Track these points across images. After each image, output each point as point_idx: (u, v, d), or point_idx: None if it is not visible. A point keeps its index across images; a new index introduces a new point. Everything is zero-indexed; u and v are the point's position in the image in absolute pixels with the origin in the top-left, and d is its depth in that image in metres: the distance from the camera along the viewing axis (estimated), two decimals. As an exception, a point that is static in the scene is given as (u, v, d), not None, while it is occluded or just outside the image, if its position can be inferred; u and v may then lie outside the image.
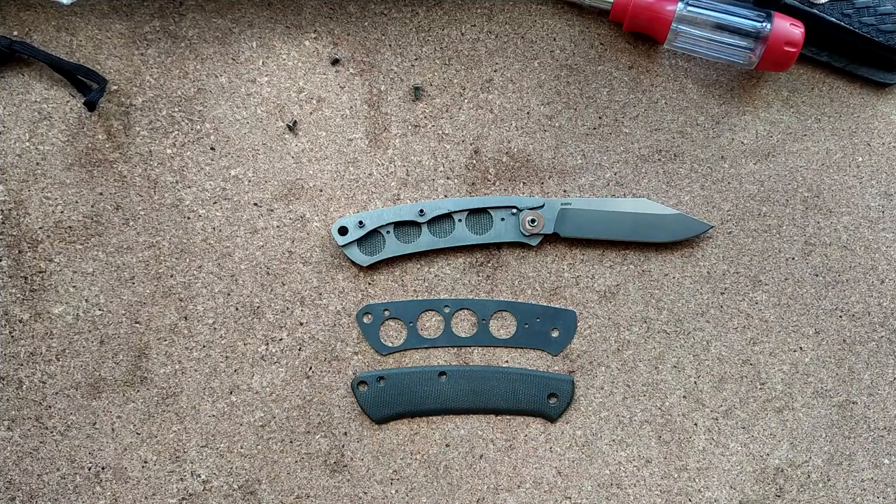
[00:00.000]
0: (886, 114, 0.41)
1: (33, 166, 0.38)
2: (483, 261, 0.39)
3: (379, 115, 0.39)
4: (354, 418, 0.38)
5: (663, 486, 0.39)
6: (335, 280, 0.39)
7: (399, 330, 0.39)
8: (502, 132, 0.40)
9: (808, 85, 0.41)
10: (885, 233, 0.40)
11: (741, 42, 0.37)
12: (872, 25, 0.38)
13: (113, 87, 0.38)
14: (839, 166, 0.41)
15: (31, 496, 0.37)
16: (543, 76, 0.40)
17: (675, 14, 0.37)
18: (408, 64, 0.40)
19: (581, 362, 0.39)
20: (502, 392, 0.38)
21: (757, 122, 0.40)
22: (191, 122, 0.39)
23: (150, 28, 0.39)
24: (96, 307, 0.38)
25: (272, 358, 0.38)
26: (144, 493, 0.38)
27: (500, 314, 0.39)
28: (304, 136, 0.39)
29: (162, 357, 0.38)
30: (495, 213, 0.39)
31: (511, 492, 0.38)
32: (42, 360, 0.38)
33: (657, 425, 0.39)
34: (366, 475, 0.38)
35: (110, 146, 0.38)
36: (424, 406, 0.38)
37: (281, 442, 0.38)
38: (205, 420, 0.38)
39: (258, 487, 0.38)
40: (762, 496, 0.39)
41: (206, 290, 0.38)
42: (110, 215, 0.38)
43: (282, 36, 0.39)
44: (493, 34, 0.40)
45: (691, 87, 0.40)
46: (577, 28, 0.40)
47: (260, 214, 0.39)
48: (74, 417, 0.38)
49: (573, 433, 0.39)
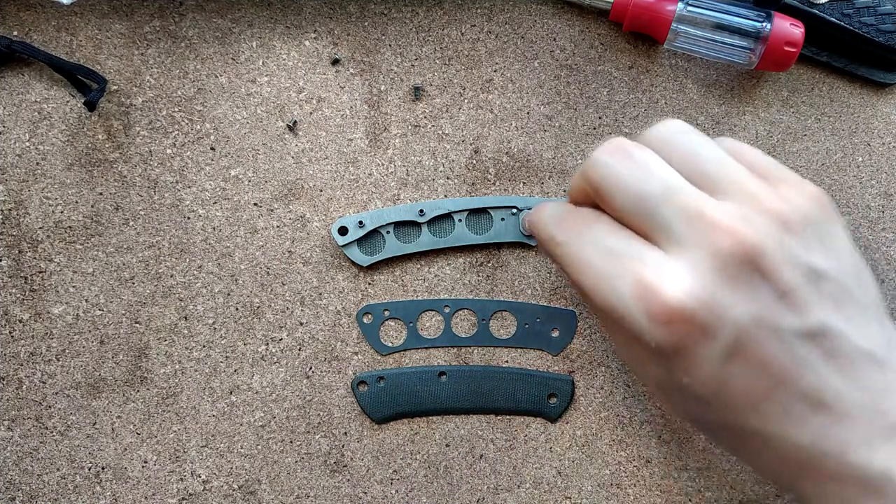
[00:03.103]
0: (886, 114, 0.41)
1: (33, 166, 0.38)
2: (483, 261, 0.39)
3: (379, 115, 0.39)
4: (354, 418, 0.38)
5: (663, 486, 0.39)
6: (335, 280, 0.39)
7: (399, 330, 0.39)
8: (502, 132, 0.40)
9: (808, 85, 0.41)
10: (885, 233, 0.40)
11: (741, 42, 0.37)
12: (872, 25, 0.38)
13: (113, 87, 0.38)
14: (839, 166, 0.41)
15: (31, 496, 0.37)
16: (543, 76, 0.40)
17: (675, 14, 0.37)
18: (408, 64, 0.40)
19: (581, 362, 0.39)
20: (502, 392, 0.39)
21: (757, 122, 0.40)
22: (191, 122, 0.39)
23: (150, 28, 0.39)
24: (96, 307, 0.38)
25: (272, 358, 0.38)
26: (144, 493, 0.38)
27: (500, 314, 0.39)
28: (304, 136, 0.39)
29: (162, 357, 0.38)
30: (495, 213, 0.39)
31: (511, 492, 0.38)
32: (42, 360, 0.38)
33: (657, 425, 0.39)
34: (366, 475, 0.38)
35: (110, 146, 0.38)
36: (424, 406, 0.38)
37: (281, 442, 0.38)
38: (205, 420, 0.38)
39: (258, 487, 0.38)
40: (762, 496, 0.39)
41: (206, 290, 0.38)
42: (110, 215, 0.38)
43: (282, 36, 0.39)
44: (493, 34, 0.40)
45: (691, 87, 0.40)
46: (577, 28, 0.40)
47: (260, 214, 0.39)
48: (74, 417, 0.38)
49: (573, 433, 0.39)
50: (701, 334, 0.27)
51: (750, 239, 0.27)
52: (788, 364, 0.27)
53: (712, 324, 0.27)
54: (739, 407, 0.28)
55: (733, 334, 0.27)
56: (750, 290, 0.27)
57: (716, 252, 0.27)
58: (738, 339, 0.27)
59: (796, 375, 0.27)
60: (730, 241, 0.27)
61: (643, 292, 0.27)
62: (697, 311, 0.27)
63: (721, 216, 0.27)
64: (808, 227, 0.28)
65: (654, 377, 0.31)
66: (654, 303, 0.27)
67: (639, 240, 0.29)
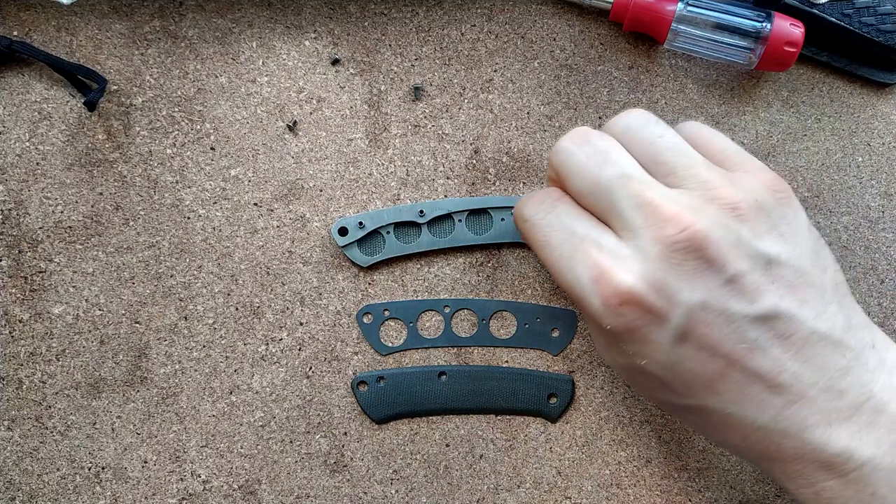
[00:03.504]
0: (886, 114, 0.41)
1: (33, 166, 0.38)
2: (483, 261, 0.39)
3: (379, 115, 0.39)
4: (354, 418, 0.38)
5: (663, 486, 0.39)
6: (335, 280, 0.39)
7: (399, 330, 0.39)
8: (502, 132, 0.40)
9: (808, 85, 0.41)
10: (885, 233, 0.40)
11: (741, 42, 0.37)
12: (872, 25, 0.38)
13: (113, 87, 0.38)
14: (839, 166, 0.41)
15: (31, 496, 0.37)
16: (543, 76, 0.40)
17: (675, 14, 0.37)
18: (408, 64, 0.40)
19: (581, 362, 0.39)
20: (502, 392, 0.39)
21: (757, 122, 0.40)
22: (191, 122, 0.39)
23: (150, 28, 0.39)
24: (96, 307, 0.38)
25: (272, 358, 0.38)
26: (144, 493, 0.38)
27: (500, 314, 0.39)
28: (304, 136, 0.39)
29: (162, 357, 0.38)
30: (495, 213, 0.39)
31: (511, 492, 0.38)
32: (42, 360, 0.38)
33: (657, 425, 0.39)
34: (366, 475, 0.38)
35: (110, 146, 0.38)
36: (424, 406, 0.38)
37: (281, 442, 0.38)
38: (205, 420, 0.38)
39: (258, 487, 0.38)
40: (762, 496, 0.39)
41: (206, 290, 0.38)
42: (110, 215, 0.38)
43: (282, 36, 0.39)
44: (493, 34, 0.40)
45: (691, 87, 0.40)
46: (577, 28, 0.40)
47: (260, 214, 0.39)
48: (74, 417, 0.38)
49: (573, 433, 0.39)
50: (651, 318, 0.28)
51: (695, 227, 0.27)
52: (739, 347, 0.28)
53: (662, 307, 0.28)
54: (696, 387, 0.29)
55: (683, 318, 0.28)
56: (697, 276, 0.28)
57: (665, 241, 0.28)
58: (688, 322, 0.28)
59: (748, 357, 0.28)
60: (675, 229, 0.28)
61: (598, 276, 0.29)
62: (647, 295, 0.28)
63: (670, 205, 0.28)
64: (760, 214, 0.29)
65: (616, 360, 0.32)
66: (606, 286, 0.28)
67: (597, 223, 0.30)
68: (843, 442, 0.28)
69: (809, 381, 0.28)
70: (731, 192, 0.29)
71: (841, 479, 0.28)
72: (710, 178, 0.29)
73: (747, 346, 0.28)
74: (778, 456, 0.29)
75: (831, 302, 0.29)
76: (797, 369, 0.28)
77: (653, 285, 0.28)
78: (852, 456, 0.28)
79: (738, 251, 0.28)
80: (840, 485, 0.28)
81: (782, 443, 0.29)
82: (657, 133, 0.31)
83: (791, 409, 0.28)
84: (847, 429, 0.28)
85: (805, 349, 0.28)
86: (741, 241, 0.28)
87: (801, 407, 0.28)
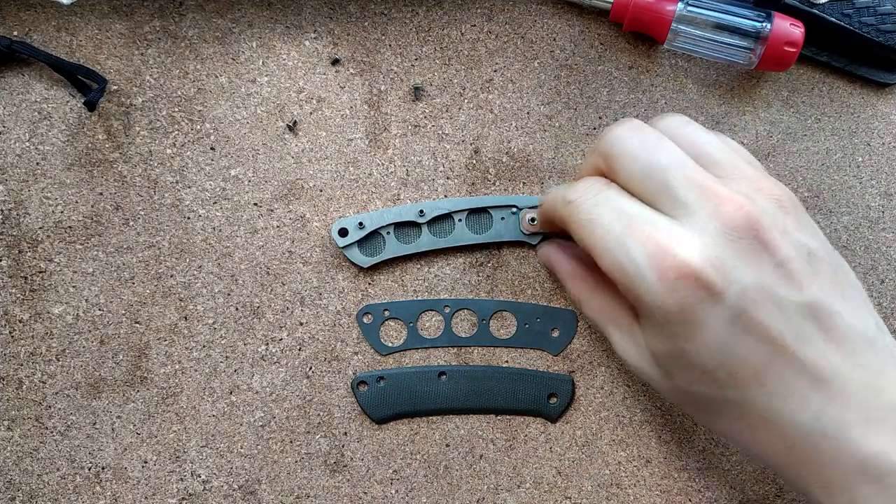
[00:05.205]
0: (886, 114, 0.41)
1: (33, 166, 0.38)
2: (483, 261, 0.39)
3: (379, 115, 0.39)
4: (354, 418, 0.38)
5: (663, 486, 0.39)
6: (335, 280, 0.39)
7: (399, 330, 0.39)
8: (502, 132, 0.40)
9: (808, 85, 0.41)
10: (885, 233, 0.40)
11: (741, 42, 0.37)
12: (872, 25, 0.38)
13: (113, 87, 0.38)
14: (839, 166, 0.41)
15: (31, 496, 0.37)
16: (543, 76, 0.40)
17: (675, 14, 0.37)
18: (408, 64, 0.40)
19: (581, 362, 0.39)
20: (502, 392, 0.39)
21: (757, 122, 0.40)
22: (191, 122, 0.39)
23: (150, 28, 0.39)
24: (96, 307, 0.38)
25: (272, 358, 0.38)
26: (144, 493, 0.38)
27: (500, 314, 0.39)
28: (304, 136, 0.39)
29: (162, 357, 0.38)
30: (495, 212, 0.39)
31: (511, 492, 0.38)
32: (42, 360, 0.38)
33: (657, 425, 0.39)
34: (366, 475, 0.38)
35: (110, 146, 0.38)
36: (424, 406, 0.38)
37: (281, 442, 0.38)
38: (205, 420, 0.38)
39: (258, 487, 0.38)
40: (762, 496, 0.39)
41: (206, 290, 0.38)
42: (110, 215, 0.38)
43: (282, 36, 0.39)
44: (493, 34, 0.40)
45: (691, 87, 0.40)
46: (577, 28, 0.40)
47: (260, 214, 0.39)
48: (74, 417, 0.38)
49: (573, 433, 0.39)
50: (706, 295, 0.28)
51: (752, 210, 0.28)
52: (788, 334, 0.28)
53: (720, 285, 0.28)
54: (741, 376, 0.29)
55: (737, 298, 0.28)
56: (753, 257, 0.28)
57: (722, 219, 0.28)
58: (742, 303, 0.28)
59: (795, 346, 0.28)
60: (734, 209, 0.28)
61: (655, 251, 0.28)
62: (705, 270, 0.28)
63: (724, 187, 0.29)
64: (797, 209, 0.30)
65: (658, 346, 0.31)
66: (666, 262, 0.28)
67: (648, 206, 0.31)
68: (879, 444, 0.27)
69: (850, 378, 0.28)
70: (773, 186, 0.30)
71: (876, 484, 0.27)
72: (753, 173, 0.31)
73: (794, 334, 0.28)
74: (814, 459, 0.29)
75: (862, 302, 0.30)
76: (838, 364, 0.28)
77: (710, 261, 0.28)
78: (888, 458, 0.27)
79: (786, 238, 0.29)
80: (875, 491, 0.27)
81: (819, 444, 0.28)
82: (702, 132, 0.32)
83: (830, 405, 0.28)
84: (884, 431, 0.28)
85: (845, 344, 0.28)
86: (787, 229, 0.29)
87: (841, 404, 0.28)
